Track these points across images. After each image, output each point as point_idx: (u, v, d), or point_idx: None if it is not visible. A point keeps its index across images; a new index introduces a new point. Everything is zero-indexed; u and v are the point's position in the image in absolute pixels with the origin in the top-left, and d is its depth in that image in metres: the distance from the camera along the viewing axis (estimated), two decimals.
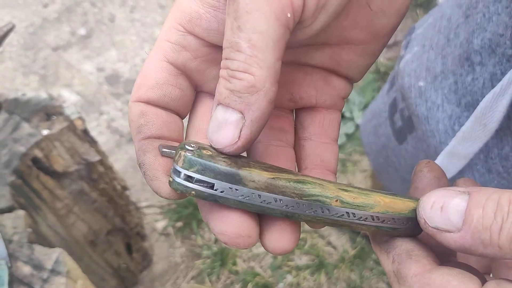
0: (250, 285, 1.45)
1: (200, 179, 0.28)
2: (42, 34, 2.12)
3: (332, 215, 0.30)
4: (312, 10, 0.27)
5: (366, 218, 0.30)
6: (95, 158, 1.06)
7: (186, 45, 0.30)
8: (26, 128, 0.95)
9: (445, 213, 0.27)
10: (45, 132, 0.95)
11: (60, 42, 2.10)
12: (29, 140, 0.93)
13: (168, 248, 1.55)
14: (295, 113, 0.36)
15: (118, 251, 1.26)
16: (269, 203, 0.29)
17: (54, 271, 0.77)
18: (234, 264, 1.50)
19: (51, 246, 0.87)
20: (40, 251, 0.79)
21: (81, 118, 1.04)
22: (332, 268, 1.49)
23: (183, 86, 0.31)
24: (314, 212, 0.29)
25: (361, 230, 0.32)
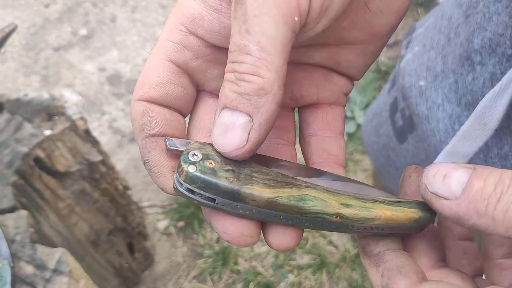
0: (251, 285, 1.45)
1: (201, 193, 0.28)
2: (43, 35, 2.12)
3: (331, 227, 0.30)
4: (316, 14, 0.27)
5: (365, 229, 0.31)
6: (97, 158, 1.06)
7: (188, 45, 0.30)
8: (28, 128, 0.95)
9: (447, 181, 0.27)
10: (47, 132, 0.95)
11: (61, 42, 2.10)
12: (31, 140, 0.93)
13: (170, 247, 1.56)
14: (299, 112, 0.37)
15: (120, 250, 1.27)
16: (270, 217, 0.29)
17: (56, 271, 0.78)
18: (236, 263, 1.51)
19: (54, 246, 0.87)
20: (42, 251, 0.80)
21: (82, 118, 1.04)
22: (334, 267, 1.49)
23: (185, 85, 0.31)
24: (313, 224, 0.30)
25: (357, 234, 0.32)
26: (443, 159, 0.50)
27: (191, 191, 0.28)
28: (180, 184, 0.28)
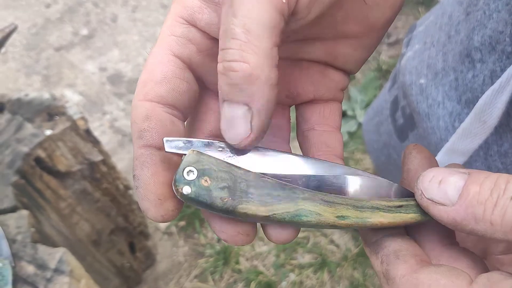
0: (253, 284, 1.45)
1: (198, 207, 0.29)
2: (44, 35, 2.13)
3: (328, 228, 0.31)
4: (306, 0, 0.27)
5: (361, 229, 0.31)
6: (98, 158, 1.07)
7: (192, 38, 0.30)
8: (29, 128, 0.95)
9: (443, 187, 0.27)
10: (48, 132, 0.96)
11: (62, 42, 2.10)
12: (32, 140, 0.93)
13: (171, 247, 1.56)
14: (296, 109, 0.37)
15: (121, 250, 1.27)
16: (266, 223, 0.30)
17: (57, 271, 0.78)
18: (237, 262, 1.51)
19: (55, 245, 0.87)
20: (43, 250, 0.80)
21: (83, 118, 1.04)
22: (335, 266, 1.49)
23: (190, 80, 0.31)
24: (310, 229, 0.31)
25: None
26: (443, 157, 0.50)
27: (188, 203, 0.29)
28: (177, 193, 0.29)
